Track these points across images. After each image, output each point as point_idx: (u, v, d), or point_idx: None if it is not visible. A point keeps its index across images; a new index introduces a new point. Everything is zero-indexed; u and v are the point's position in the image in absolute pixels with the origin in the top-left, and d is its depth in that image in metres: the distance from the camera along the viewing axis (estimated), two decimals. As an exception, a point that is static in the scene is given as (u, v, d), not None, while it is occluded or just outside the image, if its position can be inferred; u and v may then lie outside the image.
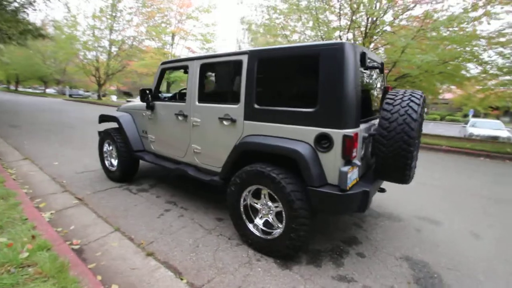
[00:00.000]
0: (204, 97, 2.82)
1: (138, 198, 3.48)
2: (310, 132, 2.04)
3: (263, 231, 2.36)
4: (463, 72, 9.66)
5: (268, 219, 2.36)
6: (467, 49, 8.85)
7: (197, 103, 2.84)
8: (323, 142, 2.00)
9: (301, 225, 2.06)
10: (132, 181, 4.08)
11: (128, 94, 46.11)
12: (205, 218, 3.01)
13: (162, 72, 3.33)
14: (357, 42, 10.60)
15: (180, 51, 20.85)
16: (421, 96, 2.12)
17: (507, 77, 8.89)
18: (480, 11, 8.66)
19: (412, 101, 2.06)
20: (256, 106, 2.32)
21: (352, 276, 2.12)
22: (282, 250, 2.22)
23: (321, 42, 2.02)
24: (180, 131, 3.06)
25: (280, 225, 2.25)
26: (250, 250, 2.41)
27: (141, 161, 3.99)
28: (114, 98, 35.41)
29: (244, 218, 2.44)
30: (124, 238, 2.55)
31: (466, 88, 10.96)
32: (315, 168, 1.98)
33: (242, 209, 2.44)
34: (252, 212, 2.45)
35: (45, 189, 3.66)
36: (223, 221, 2.96)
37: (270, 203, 2.31)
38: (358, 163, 2.00)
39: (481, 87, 9.95)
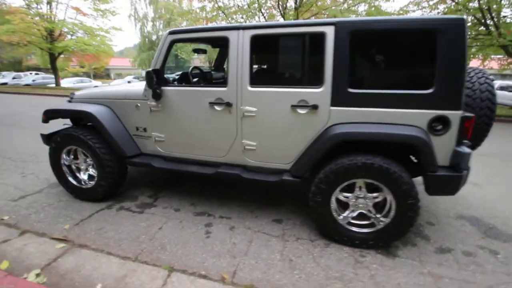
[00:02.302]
0: (260, 79, 2.21)
1: (152, 218, 2.64)
2: (424, 115, 1.90)
3: (358, 225, 2.20)
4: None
5: (363, 211, 2.19)
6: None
7: (249, 87, 2.21)
8: (435, 124, 1.92)
9: (416, 211, 2.01)
10: (115, 196, 3.04)
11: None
12: (262, 223, 2.57)
13: (171, 45, 2.39)
14: (290, 13, 10.68)
15: (64, 12, 15.97)
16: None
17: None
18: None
19: (486, 77, 2.19)
20: (350, 89, 1.98)
21: (447, 245, 2.26)
22: (388, 240, 2.14)
23: (437, 16, 1.84)
24: (220, 124, 2.36)
25: (378, 215, 2.15)
26: (345, 247, 2.22)
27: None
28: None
29: (335, 215, 2.20)
30: (195, 278, 1.90)
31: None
32: (434, 153, 1.91)
33: (332, 207, 2.18)
34: (339, 207, 2.23)
35: (-17, 238, 2.30)
36: (284, 222, 2.60)
37: (368, 195, 2.13)
38: (469, 142, 2.04)
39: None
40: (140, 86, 2.71)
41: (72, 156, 2.92)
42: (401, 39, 1.91)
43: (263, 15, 10.52)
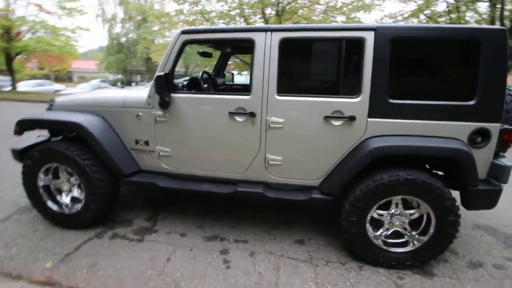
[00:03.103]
0: (289, 87, 1.98)
1: (155, 247, 2.25)
2: (465, 127, 1.82)
3: (393, 245, 2.05)
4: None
5: (398, 229, 2.05)
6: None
7: (276, 96, 1.98)
8: (475, 137, 1.85)
9: (456, 228, 1.91)
10: (104, 220, 2.58)
11: None
12: (283, 246, 2.32)
13: (183, 47, 2.08)
14: (271, 20, 10.68)
15: (25, 9, 14.39)
16: None
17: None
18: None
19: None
20: (390, 100, 1.84)
21: (476, 259, 2.19)
22: (426, 259, 2.02)
23: (478, 26, 1.78)
24: (241, 137, 2.09)
25: (413, 233, 2.02)
26: (380, 269, 2.06)
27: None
28: None
29: (370, 235, 2.03)
30: (225, 323, 1.60)
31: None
32: (476, 167, 1.82)
33: (368, 226, 2.01)
34: (372, 225, 2.07)
35: None
36: (306, 242, 2.37)
37: (405, 212, 2.00)
38: (505, 155, 2.00)
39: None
40: (140, 92, 2.34)
41: (51, 175, 2.44)
42: (444, 48, 1.82)
43: (245, 20, 10.38)
